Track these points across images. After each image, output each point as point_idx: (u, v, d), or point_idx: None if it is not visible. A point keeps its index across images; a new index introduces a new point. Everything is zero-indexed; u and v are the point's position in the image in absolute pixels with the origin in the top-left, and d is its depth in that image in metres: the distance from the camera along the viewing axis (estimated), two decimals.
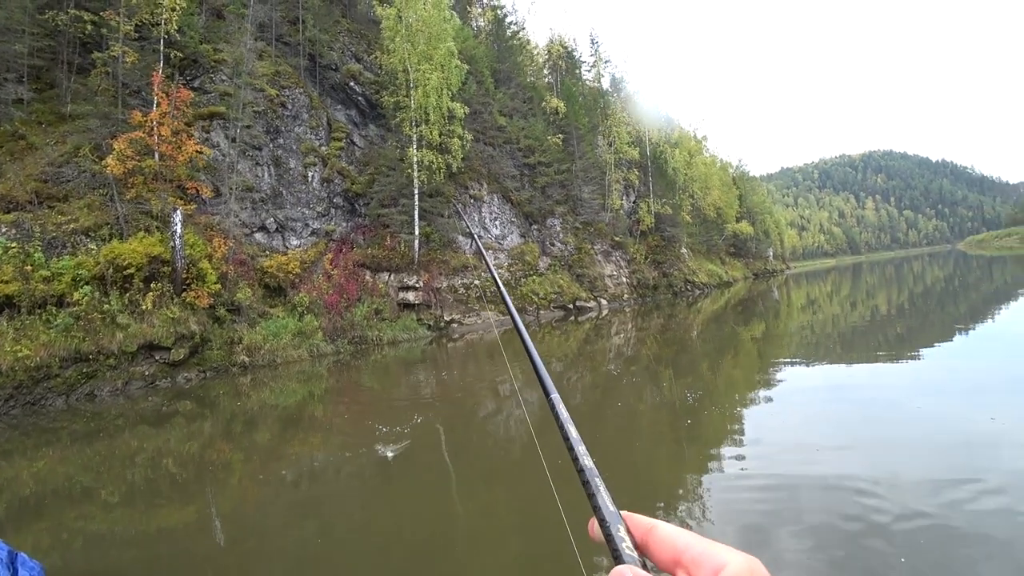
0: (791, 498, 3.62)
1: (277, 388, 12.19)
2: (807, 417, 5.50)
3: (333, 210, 21.85)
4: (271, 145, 20.30)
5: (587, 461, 0.57)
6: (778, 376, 7.48)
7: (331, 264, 19.86)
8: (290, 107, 21.20)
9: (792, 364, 8.11)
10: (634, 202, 41.81)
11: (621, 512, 0.52)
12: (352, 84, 24.54)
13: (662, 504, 4.07)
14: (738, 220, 61.10)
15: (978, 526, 3.04)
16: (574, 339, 17.08)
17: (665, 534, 0.50)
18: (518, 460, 5.80)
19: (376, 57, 24.76)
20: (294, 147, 20.99)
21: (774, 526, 3.30)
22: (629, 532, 0.50)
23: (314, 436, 8.12)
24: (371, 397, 10.70)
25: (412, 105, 22.37)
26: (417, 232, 21.95)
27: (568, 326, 20.86)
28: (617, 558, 0.48)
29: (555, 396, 0.63)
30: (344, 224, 22.10)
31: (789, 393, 6.55)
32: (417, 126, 22.52)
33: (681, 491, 4.26)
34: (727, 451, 4.89)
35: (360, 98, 24.75)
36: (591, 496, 0.54)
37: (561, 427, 0.60)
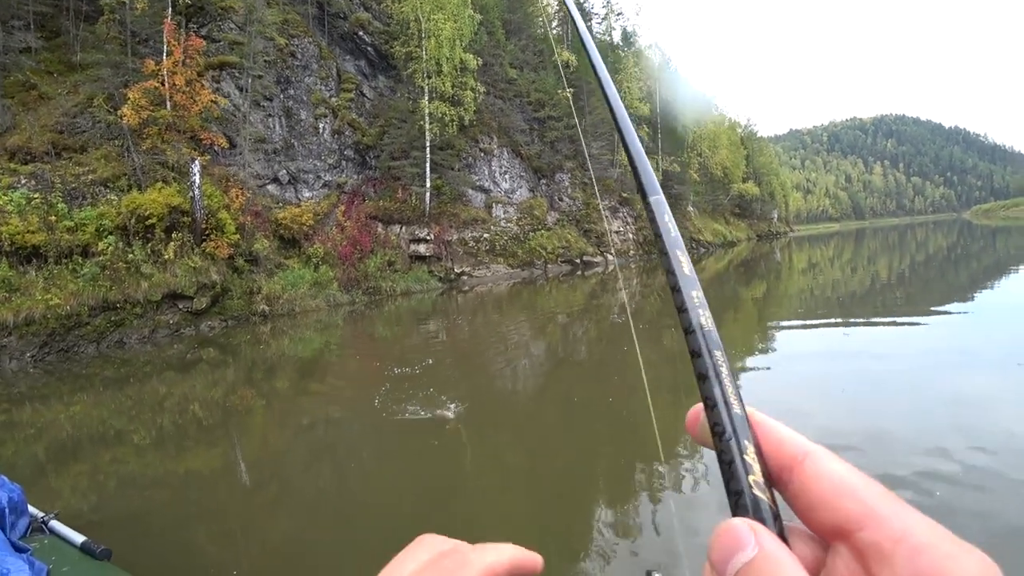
0: None
1: (296, 336, 12.59)
2: (801, 381, 5.64)
3: (344, 162, 21.84)
4: (282, 96, 20.14)
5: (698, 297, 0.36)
6: (776, 338, 7.72)
7: (344, 216, 20.03)
8: (300, 57, 20.92)
9: (789, 327, 8.25)
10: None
11: (751, 413, 0.32)
12: (361, 34, 24.10)
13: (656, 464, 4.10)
14: (744, 181, 60.64)
15: (963, 483, 3.26)
16: (580, 292, 17.39)
17: (831, 476, 0.28)
18: (529, 409, 6.05)
19: (386, 5, 24.22)
20: (304, 98, 20.82)
21: None
22: (761, 454, 0.30)
23: (332, 382, 8.45)
24: (383, 347, 10.99)
25: (424, 56, 22.05)
26: (428, 185, 22.00)
27: (575, 280, 21.15)
28: (734, 495, 0.29)
29: (657, 198, 0.41)
30: (355, 176, 22.12)
31: (785, 358, 6.72)
32: (429, 77, 22.25)
33: (676, 448, 4.32)
34: None
35: (369, 48, 24.35)
36: (703, 374, 0.33)
37: (658, 235, 0.38)
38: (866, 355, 6.25)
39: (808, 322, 8.52)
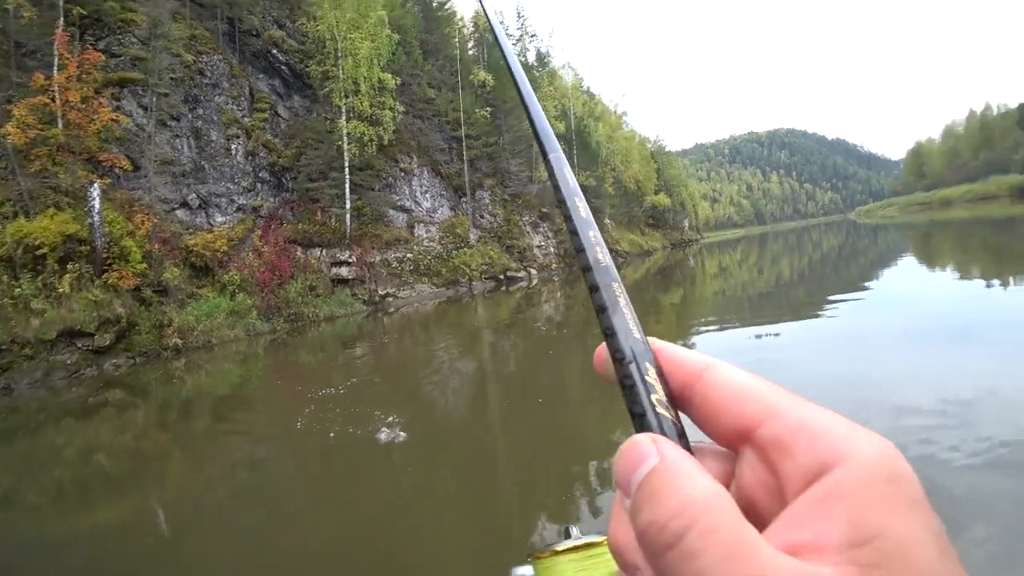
0: None
1: (214, 370, 12.07)
2: None
3: (259, 185, 21.18)
4: (190, 116, 19.30)
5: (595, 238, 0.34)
6: (693, 339, 8.44)
7: (261, 241, 19.42)
8: (209, 75, 20.15)
9: (706, 330, 8.83)
10: None
11: (651, 340, 0.32)
12: (275, 52, 23.54)
13: (593, 463, 4.37)
14: (656, 192, 64.08)
15: None
16: (506, 307, 17.81)
17: (729, 383, 0.28)
18: (464, 431, 6.27)
19: (301, 24, 23.81)
20: (215, 118, 20.06)
21: None
22: (662, 375, 0.30)
23: (253, 414, 8.08)
24: (308, 373, 10.70)
25: (341, 75, 21.89)
26: (348, 206, 21.77)
27: (500, 296, 21.61)
28: (638, 417, 0.28)
29: (556, 155, 0.40)
30: (272, 199, 21.50)
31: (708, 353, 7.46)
32: (347, 97, 22.10)
33: (601, 445, 4.64)
34: None
35: (284, 67, 23.82)
36: (601, 306, 0.32)
37: (557, 187, 0.38)
38: (770, 348, 6.84)
39: (722, 323, 9.19)
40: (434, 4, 34.34)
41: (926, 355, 5.59)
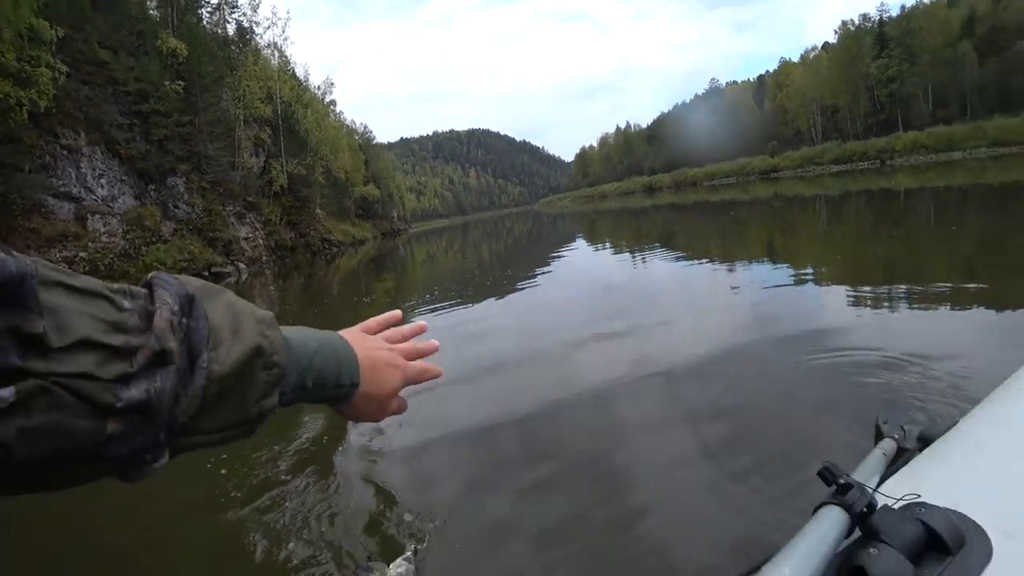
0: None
1: None
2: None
3: None
4: None
5: None
6: (412, 320, 9.22)
7: None
8: None
9: (418, 310, 9.14)
10: (266, 161, 40.25)
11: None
12: None
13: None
14: (366, 183, 64.94)
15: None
16: None
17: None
18: None
19: None
20: None
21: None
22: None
23: None
24: None
25: None
26: None
27: None
28: None
29: None
30: None
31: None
32: None
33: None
34: None
35: None
36: None
37: None
38: (480, 319, 7.41)
39: (434, 304, 9.47)
40: None
41: (592, 301, 7.55)
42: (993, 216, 12.11)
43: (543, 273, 11.80)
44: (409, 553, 1.48)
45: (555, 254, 15.86)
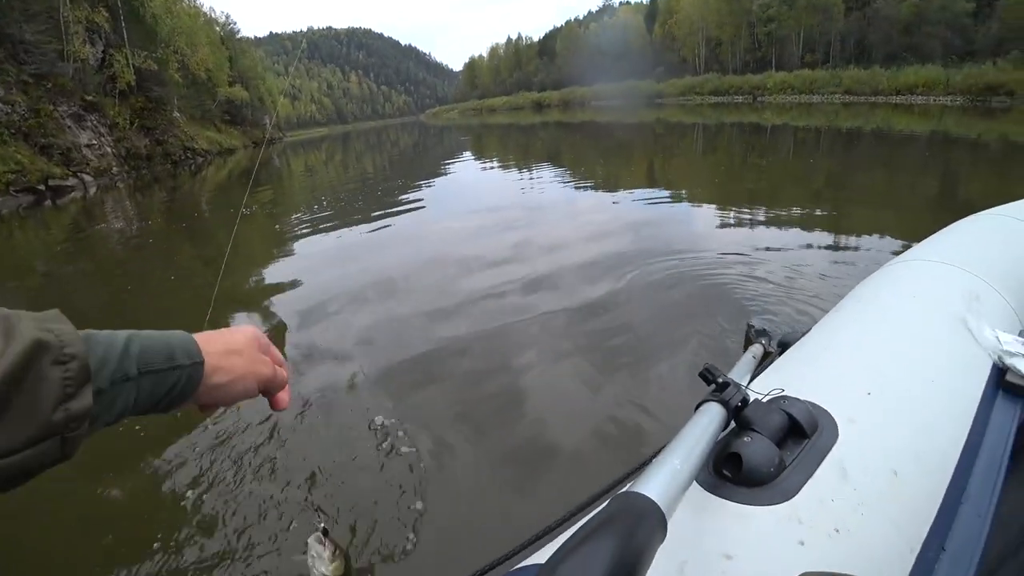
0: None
1: None
2: (335, 283, 5.41)
3: None
4: None
5: None
6: (293, 244, 7.66)
7: None
8: None
9: (302, 229, 8.57)
10: (105, 51, 34.22)
11: None
12: None
13: None
14: (231, 85, 57.94)
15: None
16: (57, 228, 13.58)
17: None
18: None
19: None
20: None
21: None
22: None
23: None
24: None
25: None
26: None
27: (46, 214, 16.98)
28: None
29: None
30: None
31: (308, 256, 6.89)
32: None
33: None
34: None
35: None
36: None
37: None
38: (374, 243, 7.09)
39: (316, 223, 8.89)
40: None
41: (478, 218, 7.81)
42: (839, 156, 13.72)
43: (428, 187, 11.89)
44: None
45: (442, 169, 15.82)
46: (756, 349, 1.69)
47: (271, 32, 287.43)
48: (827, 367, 1.07)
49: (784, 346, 1.58)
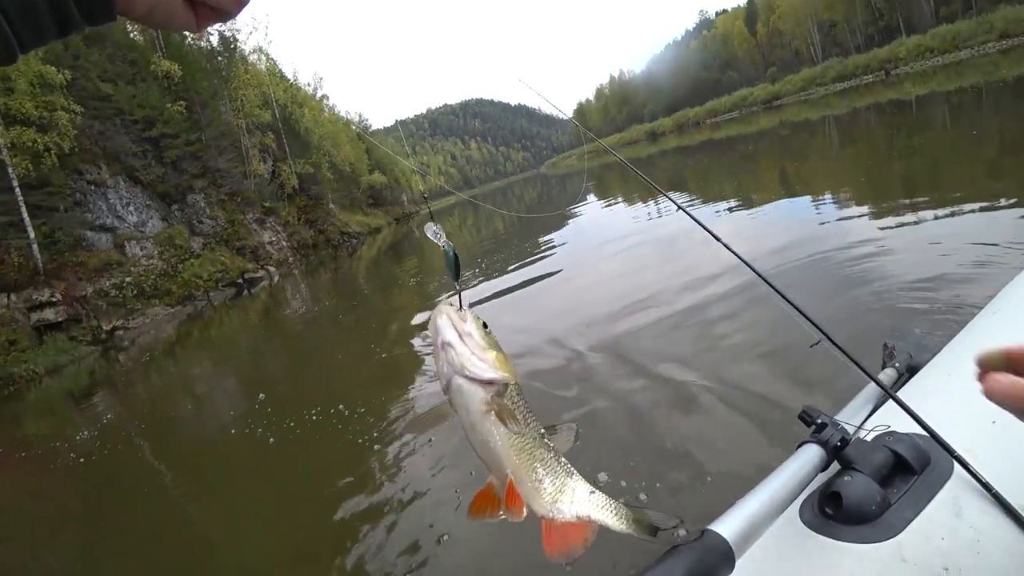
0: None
1: None
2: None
3: None
4: None
5: None
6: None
7: None
8: None
9: (446, 289, 9.25)
10: (274, 165, 41.06)
11: None
12: None
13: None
14: (371, 172, 65.48)
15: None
16: (253, 311, 17.16)
17: None
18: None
19: None
20: None
21: None
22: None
23: None
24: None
25: None
26: (32, 235, 18.21)
27: (244, 300, 20.89)
28: None
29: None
30: None
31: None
32: None
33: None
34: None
35: None
36: None
37: None
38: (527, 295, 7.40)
39: (467, 283, 9.14)
40: None
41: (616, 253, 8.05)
42: (1012, 114, 11.42)
43: (560, 238, 11.66)
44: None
45: (568, 217, 15.49)
46: (888, 374, 1.51)
47: (396, 120, 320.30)
48: (949, 392, 1.00)
49: (912, 370, 1.45)
